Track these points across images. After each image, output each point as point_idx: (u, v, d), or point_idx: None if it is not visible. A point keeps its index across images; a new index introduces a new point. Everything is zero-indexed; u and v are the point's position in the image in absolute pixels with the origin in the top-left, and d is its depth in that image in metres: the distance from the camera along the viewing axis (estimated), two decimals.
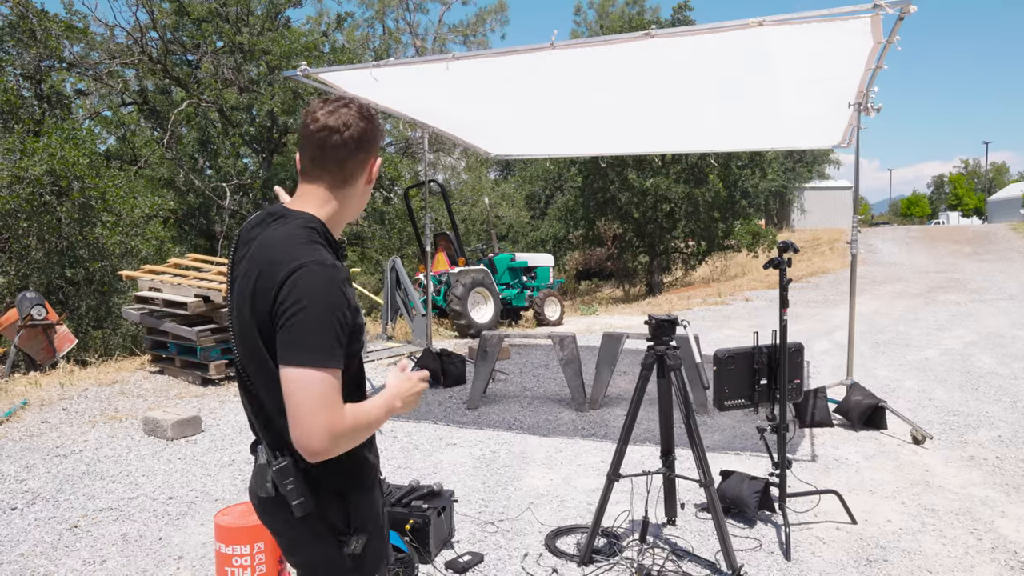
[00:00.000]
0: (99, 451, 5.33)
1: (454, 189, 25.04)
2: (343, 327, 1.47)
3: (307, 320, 1.43)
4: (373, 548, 1.66)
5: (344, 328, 1.47)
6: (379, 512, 1.71)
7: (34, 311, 7.86)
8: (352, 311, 1.51)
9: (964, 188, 70.12)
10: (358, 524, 1.63)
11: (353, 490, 1.63)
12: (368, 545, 1.64)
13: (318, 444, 1.42)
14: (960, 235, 27.83)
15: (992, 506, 4.12)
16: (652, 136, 7.89)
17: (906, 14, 3.90)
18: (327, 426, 1.42)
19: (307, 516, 1.57)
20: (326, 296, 1.45)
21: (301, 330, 1.43)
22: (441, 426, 5.93)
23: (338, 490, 1.61)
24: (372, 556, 1.66)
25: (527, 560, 3.49)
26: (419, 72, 5.26)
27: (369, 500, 1.67)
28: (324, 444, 1.42)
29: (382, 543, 1.72)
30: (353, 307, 1.52)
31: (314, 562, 1.65)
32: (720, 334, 10.69)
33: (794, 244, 3.70)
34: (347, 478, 1.62)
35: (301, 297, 1.43)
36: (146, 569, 3.49)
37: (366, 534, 1.63)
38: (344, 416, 1.46)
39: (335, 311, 1.45)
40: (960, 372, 7.70)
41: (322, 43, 17.68)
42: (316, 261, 1.47)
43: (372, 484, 1.68)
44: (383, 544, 1.72)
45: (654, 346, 3.48)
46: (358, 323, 1.55)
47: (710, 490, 3.30)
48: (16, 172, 10.36)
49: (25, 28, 13.69)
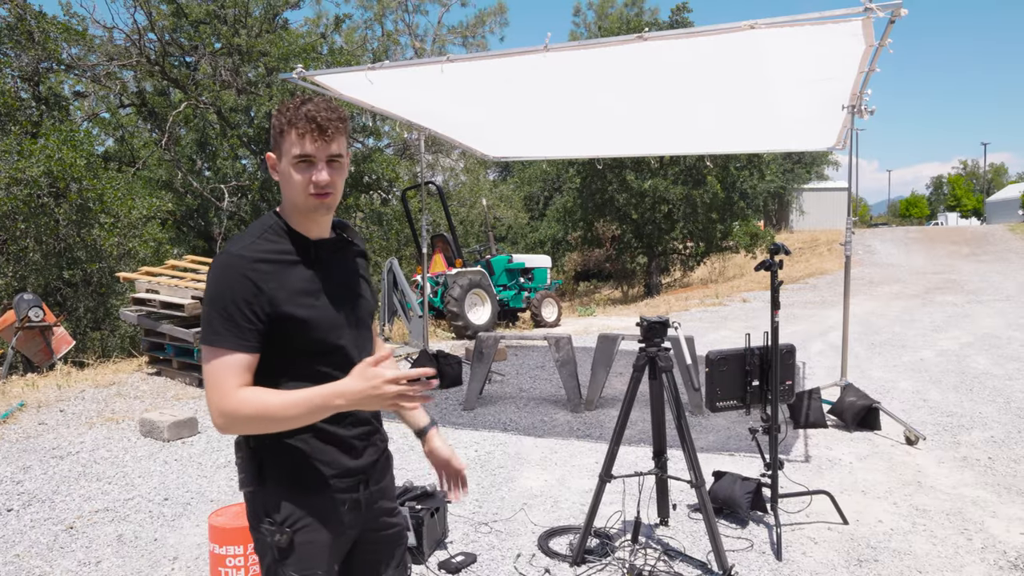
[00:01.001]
0: (95, 452, 5.35)
1: (452, 191, 25.05)
2: (239, 311, 1.55)
3: (205, 302, 1.60)
4: (306, 551, 1.66)
5: (241, 312, 1.55)
6: (328, 519, 1.69)
7: (31, 313, 7.88)
8: (262, 298, 1.57)
9: (963, 189, 70.23)
10: (290, 521, 1.65)
11: (293, 486, 1.67)
12: (297, 545, 1.65)
13: (213, 420, 1.56)
14: (958, 236, 27.89)
15: (983, 506, 4.14)
16: (648, 138, 7.92)
17: (897, 17, 3.92)
18: (216, 405, 1.55)
19: (250, 496, 1.69)
20: (218, 281, 1.57)
21: (203, 311, 1.60)
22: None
23: (279, 481, 1.66)
24: (302, 558, 1.66)
25: (520, 560, 3.51)
26: (414, 74, 5.28)
27: (312, 503, 1.67)
28: (216, 421, 1.55)
29: (323, 553, 1.68)
30: (267, 294, 1.57)
31: (254, 541, 1.73)
32: (717, 335, 10.71)
33: (785, 246, 3.72)
34: (287, 472, 1.66)
35: (207, 282, 1.61)
36: (141, 570, 3.51)
37: (291, 532, 1.64)
38: (238, 399, 1.53)
39: (227, 295, 1.56)
40: (955, 373, 7.72)
41: (320, 45, 17.68)
42: (227, 251, 1.60)
43: (318, 489, 1.68)
44: (324, 555, 1.68)
45: (645, 348, 3.51)
46: (282, 312, 1.59)
47: (701, 491, 3.33)
48: (13, 174, 10.37)
49: (23, 30, 13.71)
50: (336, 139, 1.63)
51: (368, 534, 1.80)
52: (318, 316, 1.65)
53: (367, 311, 1.79)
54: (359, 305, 1.77)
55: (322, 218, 1.71)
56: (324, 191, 1.64)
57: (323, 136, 1.60)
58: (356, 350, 1.72)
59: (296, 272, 1.66)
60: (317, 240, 1.73)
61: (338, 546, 1.73)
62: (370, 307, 1.81)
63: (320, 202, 1.64)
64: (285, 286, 1.62)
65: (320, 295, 1.68)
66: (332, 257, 1.75)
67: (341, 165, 1.67)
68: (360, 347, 1.74)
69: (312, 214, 1.68)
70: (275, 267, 1.62)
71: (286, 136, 1.62)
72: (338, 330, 1.69)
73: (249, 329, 1.56)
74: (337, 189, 1.67)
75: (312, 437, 1.67)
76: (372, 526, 1.80)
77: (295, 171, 1.62)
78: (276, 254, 1.64)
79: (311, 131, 1.59)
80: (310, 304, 1.65)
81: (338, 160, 1.66)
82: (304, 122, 1.59)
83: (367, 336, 1.80)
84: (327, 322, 1.67)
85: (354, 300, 1.76)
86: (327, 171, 1.63)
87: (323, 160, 1.62)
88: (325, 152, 1.62)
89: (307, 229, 1.71)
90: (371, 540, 1.82)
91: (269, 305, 1.58)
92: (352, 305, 1.74)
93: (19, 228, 10.82)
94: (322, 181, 1.62)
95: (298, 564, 1.67)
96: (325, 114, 1.61)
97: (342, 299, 1.72)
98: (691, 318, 13.15)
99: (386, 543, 1.84)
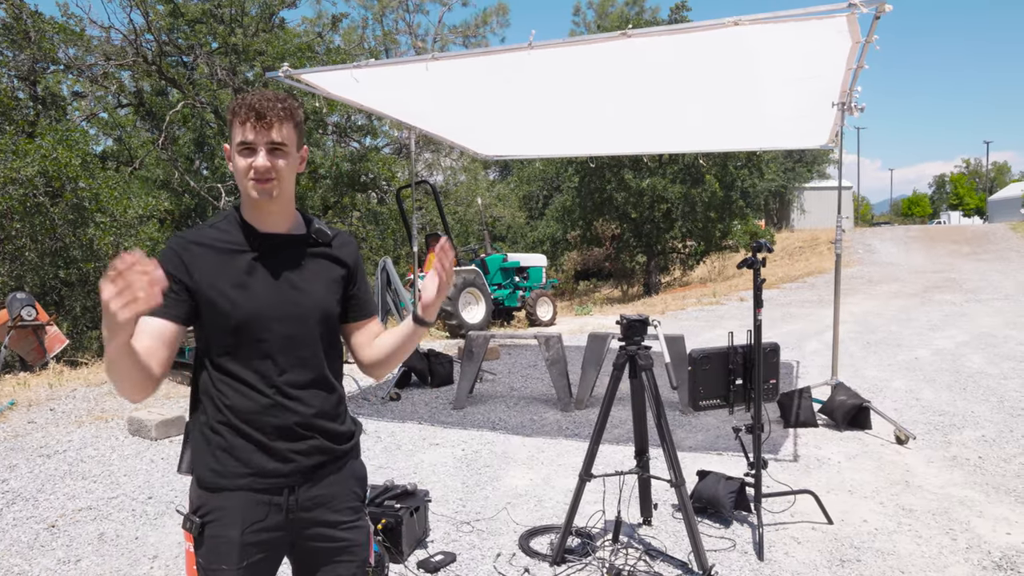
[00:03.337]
0: (83, 451, 5.34)
1: (451, 190, 25.03)
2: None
3: None
4: (213, 545, 1.68)
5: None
6: (237, 518, 1.68)
7: (24, 312, 7.88)
8: (184, 275, 1.64)
9: (965, 188, 70.07)
10: (202, 512, 1.70)
11: (208, 477, 1.70)
12: (207, 538, 1.69)
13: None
14: (959, 235, 27.81)
15: (970, 506, 4.11)
16: (641, 137, 7.89)
17: (881, 13, 3.89)
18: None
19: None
20: (160, 254, 1.64)
21: None
22: (425, 426, 5.93)
23: (199, 471, 1.72)
24: (210, 551, 1.69)
25: (499, 560, 3.49)
26: (399, 73, 5.26)
27: (223, 499, 1.69)
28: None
29: (231, 550, 1.67)
30: (191, 274, 1.64)
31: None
32: (712, 334, 10.68)
33: (768, 244, 3.70)
34: (204, 463, 1.71)
35: None
36: (120, 568, 3.50)
37: (201, 524, 1.68)
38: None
39: (160, 266, 1.58)
40: (949, 372, 7.69)
41: (317, 44, 17.67)
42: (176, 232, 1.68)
43: (232, 485, 1.68)
44: (231, 552, 1.67)
45: (626, 346, 3.48)
46: (203, 295, 1.65)
47: (681, 490, 3.30)
48: (9, 174, 10.38)
49: (20, 30, 13.72)
50: (276, 127, 1.63)
51: (303, 543, 1.77)
52: (240, 306, 1.65)
53: (313, 309, 1.74)
54: (299, 302, 1.72)
55: (269, 207, 1.70)
56: (263, 177, 1.64)
57: (261, 123, 1.62)
58: (286, 344, 1.70)
59: (231, 261, 1.68)
60: (267, 233, 1.72)
61: (255, 547, 1.69)
62: (319, 305, 1.75)
63: (260, 187, 1.65)
64: (212, 272, 1.65)
65: (249, 287, 1.67)
66: (281, 252, 1.73)
67: (284, 153, 1.67)
68: (296, 342, 1.71)
69: (257, 202, 1.68)
70: (209, 252, 1.67)
71: (232, 126, 1.66)
72: (262, 323, 1.67)
73: (167, 298, 1.54)
74: (282, 177, 1.67)
75: (232, 433, 1.68)
76: (306, 535, 1.76)
77: (239, 158, 1.65)
78: (217, 241, 1.69)
79: (251, 118, 1.62)
80: (233, 294, 1.66)
81: (280, 148, 1.65)
82: (245, 110, 1.62)
83: (310, 333, 1.74)
84: (248, 314, 1.66)
85: (294, 296, 1.72)
86: (266, 157, 1.64)
87: (262, 146, 1.64)
88: (265, 139, 1.63)
89: (258, 221, 1.72)
90: (307, 550, 1.78)
91: (192, 284, 1.64)
92: (291, 301, 1.71)
93: (15, 227, 10.84)
94: (260, 167, 1.63)
95: (206, 556, 1.68)
96: (267, 103, 1.63)
97: (278, 294, 1.70)
98: (687, 317, 13.12)
99: (324, 555, 1.78)
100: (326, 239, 1.81)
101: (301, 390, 1.71)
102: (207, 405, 1.70)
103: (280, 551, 1.77)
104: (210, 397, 1.69)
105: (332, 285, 1.80)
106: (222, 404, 1.68)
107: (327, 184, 18.58)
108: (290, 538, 1.75)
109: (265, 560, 1.73)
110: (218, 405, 1.68)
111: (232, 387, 1.67)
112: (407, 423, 6.03)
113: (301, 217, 1.81)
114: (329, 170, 18.22)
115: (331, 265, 1.81)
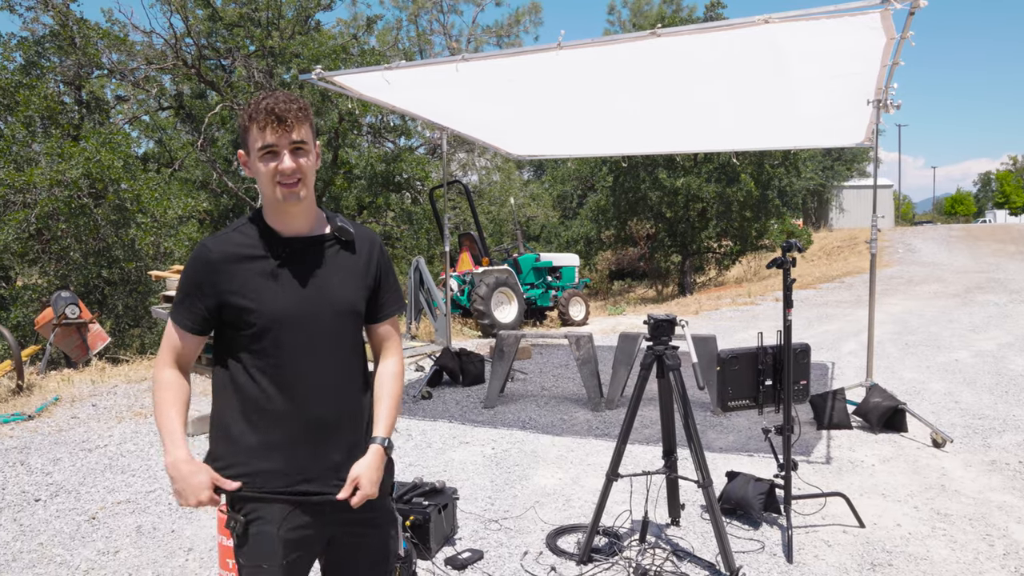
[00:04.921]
0: (122, 446, 5.49)
1: (484, 189, 25.12)
2: (190, 295, 1.73)
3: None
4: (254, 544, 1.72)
5: (192, 296, 1.72)
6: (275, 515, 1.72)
7: (68, 310, 8.10)
8: (209, 288, 1.69)
9: (1012, 185, 68.09)
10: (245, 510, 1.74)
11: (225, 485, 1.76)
12: (248, 536, 1.72)
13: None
14: (1005, 234, 27.08)
15: (1009, 512, 4.02)
16: (674, 136, 7.84)
17: (916, 8, 3.83)
18: (155, 363, 1.78)
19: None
20: (186, 265, 1.74)
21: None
22: (456, 424, 5.97)
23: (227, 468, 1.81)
24: (252, 549, 1.72)
25: (527, 558, 3.51)
26: (430, 74, 5.31)
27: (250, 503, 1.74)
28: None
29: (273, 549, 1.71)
30: (216, 284, 1.69)
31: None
32: (746, 334, 10.55)
33: (798, 243, 3.66)
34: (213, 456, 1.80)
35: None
36: (156, 560, 3.60)
37: (245, 522, 1.72)
38: (159, 373, 1.73)
39: (188, 277, 1.73)
40: (991, 374, 7.50)
41: (352, 46, 17.87)
42: (202, 240, 1.74)
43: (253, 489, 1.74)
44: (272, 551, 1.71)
45: (653, 346, 3.48)
46: (226, 300, 1.69)
47: (708, 491, 3.29)
48: (55, 176, 10.68)
49: (66, 36, 14.11)
50: (297, 127, 1.66)
51: (342, 536, 1.82)
52: (262, 308, 1.68)
53: (339, 307, 1.77)
54: (325, 301, 1.75)
55: (293, 209, 1.72)
56: (290, 179, 1.66)
57: (283, 125, 1.64)
58: (313, 344, 1.73)
59: (253, 265, 1.70)
60: (289, 237, 1.74)
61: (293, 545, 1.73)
62: (345, 304, 1.78)
63: (288, 191, 1.67)
64: (236, 277, 1.68)
65: (272, 289, 1.69)
66: (304, 253, 1.75)
67: (306, 152, 1.69)
68: (323, 340, 1.74)
69: (283, 205, 1.70)
70: (233, 258, 1.70)
71: (250, 132, 1.67)
72: (285, 323, 1.70)
73: (194, 312, 1.71)
74: (306, 176, 1.70)
75: (260, 433, 1.75)
76: (345, 529, 1.81)
77: (261, 163, 1.67)
78: (240, 247, 1.71)
79: (271, 122, 1.63)
80: (255, 297, 1.68)
81: (301, 147, 1.68)
82: (264, 115, 1.63)
83: (336, 332, 1.77)
84: (271, 315, 1.68)
85: (320, 296, 1.74)
86: (291, 158, 1.66)
87: (286, 148, 1.65)
88: (287, 140, 1.65)
89: (281, 224, 1.74)
90: (345, 543, 1.83)
91: (215, 294, 1.70)
92: (316, 301, 1.73)
93: (60, 228, 11.14)
94: (287, 168, 1.66)
95: (248, 555, 1.70)
96: (283, 104, 1.64)
97: (302, 296, 1.72)
98: (721, 317, 12.99)
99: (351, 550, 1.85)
100: (349, 236, 1.82)
101: (328, 389, 1.75)
102: (230, 402, 1.76)
103: (314, 549, 1.80)
104: (235, 394, 1.74)
105: (358, 282, 1.82)
106: (250, 403, 1.73)
107: (362, 184, 18.79)
108: (326, 534, 1.79)
109: (299, 560, 1.76)
110: (243, 404, 1.74)
111: (260, 388, 1.72)
112: (438, 421, 6.08)
113: (323, 215, 1.83)
114: (364, 170, 18.43)
115: (355, 262, 1.83)
